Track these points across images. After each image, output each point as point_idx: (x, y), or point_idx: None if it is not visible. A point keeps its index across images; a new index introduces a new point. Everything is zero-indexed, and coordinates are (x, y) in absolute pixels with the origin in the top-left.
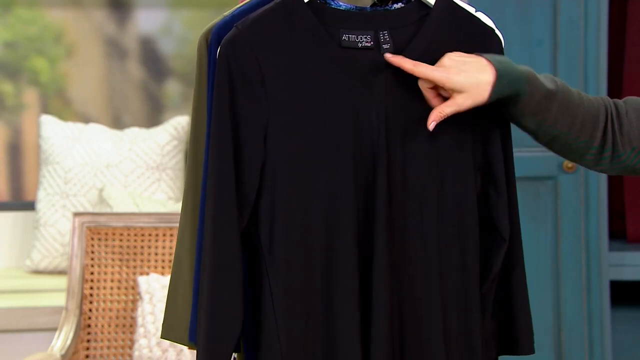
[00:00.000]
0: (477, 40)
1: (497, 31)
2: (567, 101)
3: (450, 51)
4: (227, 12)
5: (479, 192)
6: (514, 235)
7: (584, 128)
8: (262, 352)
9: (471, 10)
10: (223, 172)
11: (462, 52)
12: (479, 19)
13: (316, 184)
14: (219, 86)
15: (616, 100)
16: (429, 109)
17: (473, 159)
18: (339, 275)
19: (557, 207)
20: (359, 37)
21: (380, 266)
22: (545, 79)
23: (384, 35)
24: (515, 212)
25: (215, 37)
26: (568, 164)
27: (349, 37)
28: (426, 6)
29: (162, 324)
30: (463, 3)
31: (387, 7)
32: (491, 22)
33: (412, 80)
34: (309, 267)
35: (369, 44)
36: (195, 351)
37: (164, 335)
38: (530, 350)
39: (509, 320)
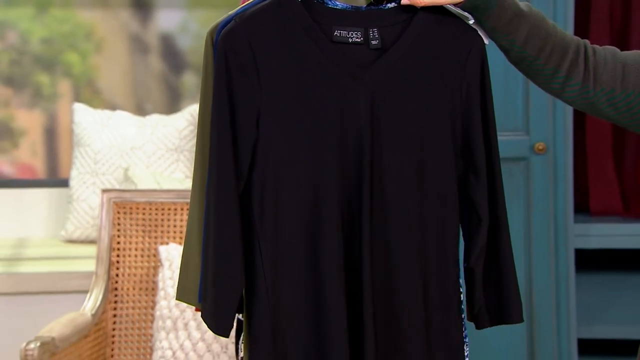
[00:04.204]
0: (460, 38)
1: (480, 32)
2: (539, 27)
3: (436, 48)
4: (232, 12)
5: (460, 176)
6: (500, 215)
7: (552, 55)
8: (253, 308)
9: (463, 13)
10: (223, 148)
11: (446, 49)
12: (461, 20)
13: (305, 161)
14: (218, 74)
15: (596, 45)
16: (412, 97)
17: (454, 145)
18: (324, 241)
19: (528, 185)
20: (350, 33)
21: (364, 236)
22: (521, 3)
23: (373, 32)
24: (500, 195)
25: (220, 34)
26: (539, 146)
27: (340, 32)
28: (414, 7)
29: (177, 287)
30: (454, 8)
31: (381, 6)
32: (478, 26)
33: (398, 72)
34: (296, 233)
35: (359, 40)
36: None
37: (178, 297)
38: (520, 319)
39: (498, 292)
